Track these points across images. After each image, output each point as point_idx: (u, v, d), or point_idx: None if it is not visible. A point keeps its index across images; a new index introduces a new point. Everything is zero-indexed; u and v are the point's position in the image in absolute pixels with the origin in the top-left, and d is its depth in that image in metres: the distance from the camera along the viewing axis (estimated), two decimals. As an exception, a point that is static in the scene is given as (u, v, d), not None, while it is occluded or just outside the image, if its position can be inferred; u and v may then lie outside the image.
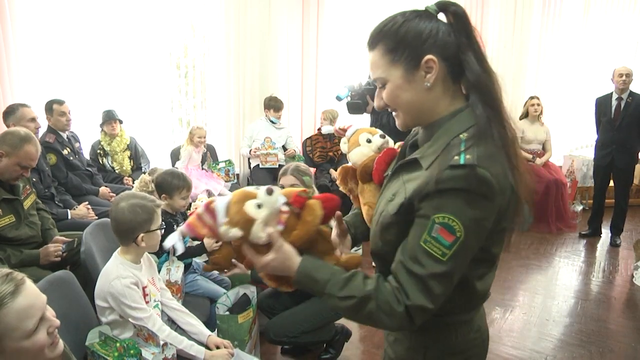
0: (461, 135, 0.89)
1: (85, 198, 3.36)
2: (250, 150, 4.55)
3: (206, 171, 4.32)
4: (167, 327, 1.78)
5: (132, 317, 1.70)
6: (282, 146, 4.66)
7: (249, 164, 4.79)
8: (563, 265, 3.96)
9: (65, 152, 3.44)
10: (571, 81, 5.64)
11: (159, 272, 2.06)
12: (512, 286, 3.51)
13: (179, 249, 1.61)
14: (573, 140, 5.87)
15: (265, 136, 4.52)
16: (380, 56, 0.94)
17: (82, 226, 2.48)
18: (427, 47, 0.89)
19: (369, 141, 1.30)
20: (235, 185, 4.53)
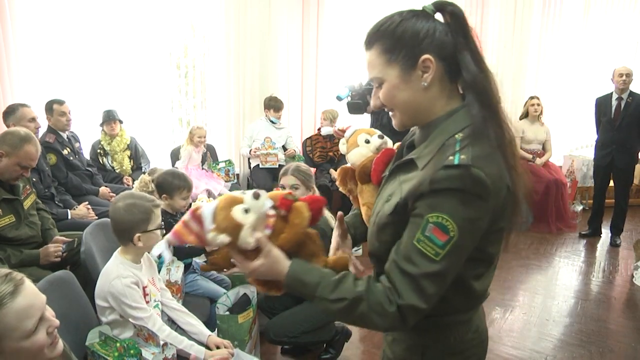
0: (456, 136, 0.88)
1: (85, 198, 3.36)
2: (250, 150, 4.55)
3: (206, 171, 4.32)
4: (167, 327, 1.78)
5: (132, 317, 1.70)
6: (282, 146, 4.66)
7: (249, 164, 4.79)
8: (563, 265, 3.96)
9: (65, 152, 3.44)
10: (571, 81, 5.64)
11: (159, 272, 2.06)
12: (512, 286, 3.51)
13: (166, 257, 1.61)
14: (573, 140, 5.87)
15: (265, 136, 4.52)
16: (377, 55, 0.93)
17: (82, 226, 2.48)
18: (424, 46, 0.89)
19: (367, 142, 1.30)
20: (235, 185, 4.53)
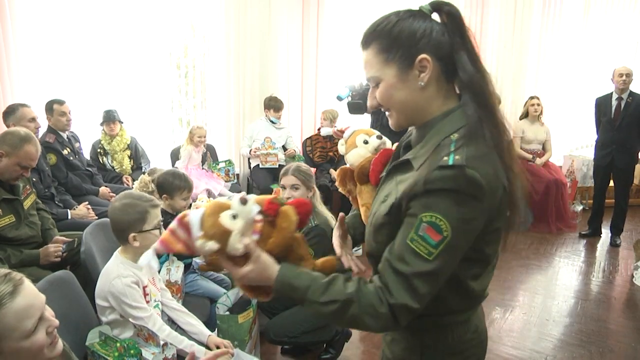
0: (452, 136, 0.88)
1: (85, 198, 3.36)
2: (250, 150, 4.54)
3: (206, 171, 4.32)
4: (167, 326, 1.78)
5: (132, 317, 1.70)
6: (282, 146, 4.66)
7: (249, 164, 4.79)
8: (563, 265, 3.96)
9: (65, 152, 3.44)
10: (571, 81, 5.64)
11: (159, 272, 2.06)
12: (512, 286, 3.51)
13: (154, 267, 1.61)
14: (573, 140, 5.86)
15: (265, 136, 4.51)
16: (373, 55, 0.93)
17: (82, 226, 2.48)
18: (421, 46, 0.89)
19: (365, 142, 1.30)
20: (235, 186, 4.53)
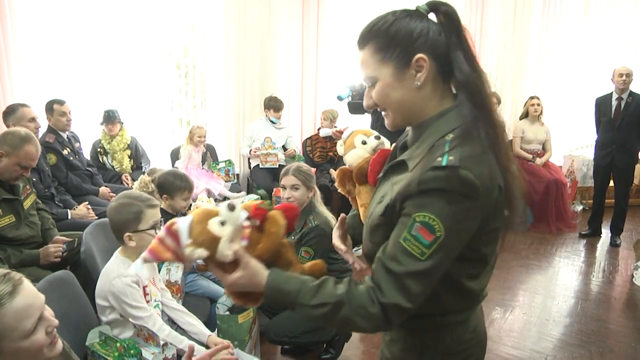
0: (447, 136, 0.88)
1: (85, 198, 3.36)
2: (250, 150, 4.54)
3: (206, 171, 4.32)
4: (167, 326, 1.78)
5: (132, 317, 1.70)
6: (282, 146, 4.66)
7: (249, 164, 4.78)
8: (563, 265, 3.96)
9: (65, 152, 3.44)
10: (571, 81, 5.64)
11: (159, 272, 2.06)
12: (512, 286, 3.51)
13: (143, 276, 1.61)
14: (573, 140, 5.86)
15: (265, 136, 4.51)
16: (370, 54, 0.93)
17: (82, 226, 2.48)
18: (418, 45, 0.89)
19: (364, 143, 1.30)
20: (235, 185, 4.53)
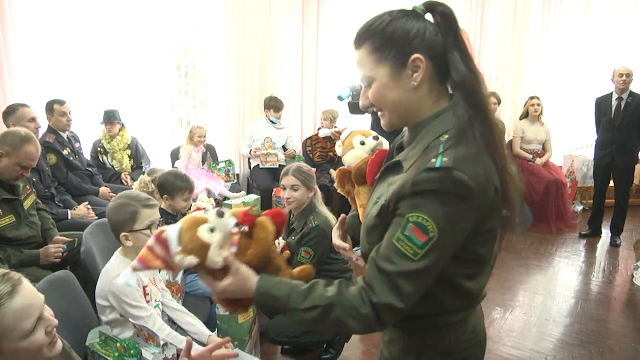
0: (441, 137, 0.88)
1: (85, 198, 3.36)
2: (250, 150, 4.54)
3: (206, 171, 4.32)
4: (167, 326, 1.78)
5: (132, 317, 1.70)
6: (282, 146, 4.66)
7: (249, 164, 4.79)
8: (563, 265, 3.96)
9: (65, 152, 3.44)
10: (571, 81, 5.64)
11: (159, 272, 2.06)
12: (512, 286, 3.51)
13: (132, 284, 1.62)
14: (573, 140, 5.86)
15: (265, 136, 4.51)
16: (366, 54, 0.93)
17: (82, 226, 2.48)
18: (415, 46, 0.89)
19: (362, 143, 1.30)
20: (235, 185, 4.53)
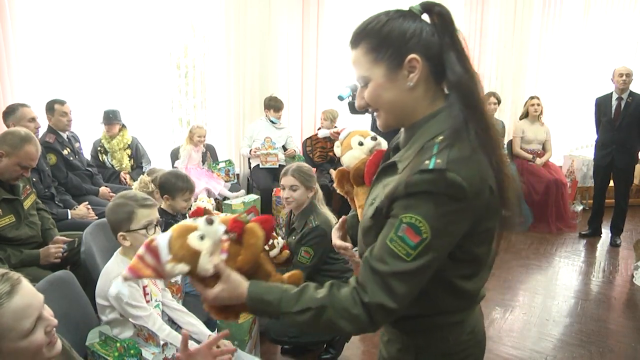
0: (436, 138, 0.88)
1: (85, 198, 3.36)
2: (251, 150, 4.54)
3: (206, 170, 4.32)
4: (167, 326, 1.78)
5: (132, 316, 1.70)
6: (282, 146, 4.66)
7: (249, 164, 4.79)
8: (563, 265, 3.96)
9: (66, 152, 3.44)
10: (571, 81, 5.64)
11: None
12: (512, 286, 3.51)
13: (125, 294, 1.63)
14: (573, 140, 5.86)
15: (265, 136, 4.51)
16: (363, 54, 0.93)
17: (82, 226, 2.48)
18: (411, 46, 0.89)
19: (360, 144, 1.30)
20: (235, 185, 4.53)
